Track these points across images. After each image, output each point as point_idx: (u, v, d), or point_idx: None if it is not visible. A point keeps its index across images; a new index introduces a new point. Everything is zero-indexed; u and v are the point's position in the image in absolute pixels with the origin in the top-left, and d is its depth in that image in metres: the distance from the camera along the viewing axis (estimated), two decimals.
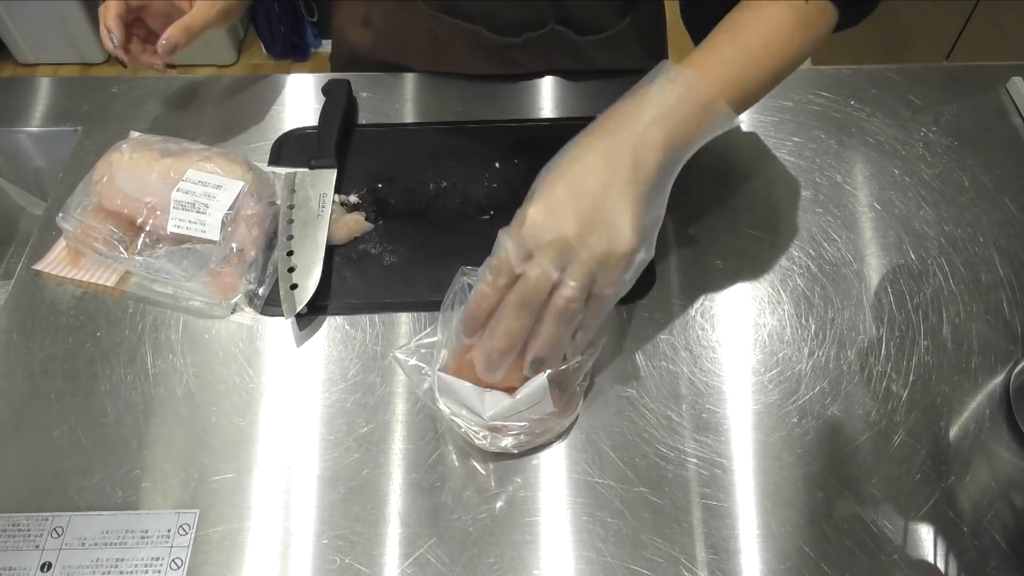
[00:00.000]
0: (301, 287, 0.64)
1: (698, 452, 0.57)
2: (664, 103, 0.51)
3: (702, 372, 0.61)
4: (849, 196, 0.73)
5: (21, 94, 0.82)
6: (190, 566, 0.52)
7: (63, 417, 0.59)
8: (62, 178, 0.74)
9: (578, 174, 0.49)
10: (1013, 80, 0.81)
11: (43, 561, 0.52)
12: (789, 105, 0.80)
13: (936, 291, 0.66)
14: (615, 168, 0.49)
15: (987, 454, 0.57)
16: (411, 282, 0.66)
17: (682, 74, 0.52)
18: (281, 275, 0.65)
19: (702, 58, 0.54)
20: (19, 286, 0.66)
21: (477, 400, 0.53)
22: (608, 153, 0.50)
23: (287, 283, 0.64)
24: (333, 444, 0.57)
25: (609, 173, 0.49)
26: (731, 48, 0.55)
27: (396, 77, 0.83)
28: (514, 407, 0.52)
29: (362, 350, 0.62)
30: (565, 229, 0.47)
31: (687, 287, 0.66)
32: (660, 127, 0.50)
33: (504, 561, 0.52)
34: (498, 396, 0.53)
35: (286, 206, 0.69)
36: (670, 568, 0.52)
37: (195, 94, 0.82)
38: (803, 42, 0.57)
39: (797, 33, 0.56)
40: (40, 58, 2.22)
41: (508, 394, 0.53)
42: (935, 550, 0.53)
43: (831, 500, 0.55)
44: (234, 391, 0.60)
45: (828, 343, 0.63)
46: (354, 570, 0.52)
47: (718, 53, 0.55)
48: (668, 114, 0.51)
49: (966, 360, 0.62)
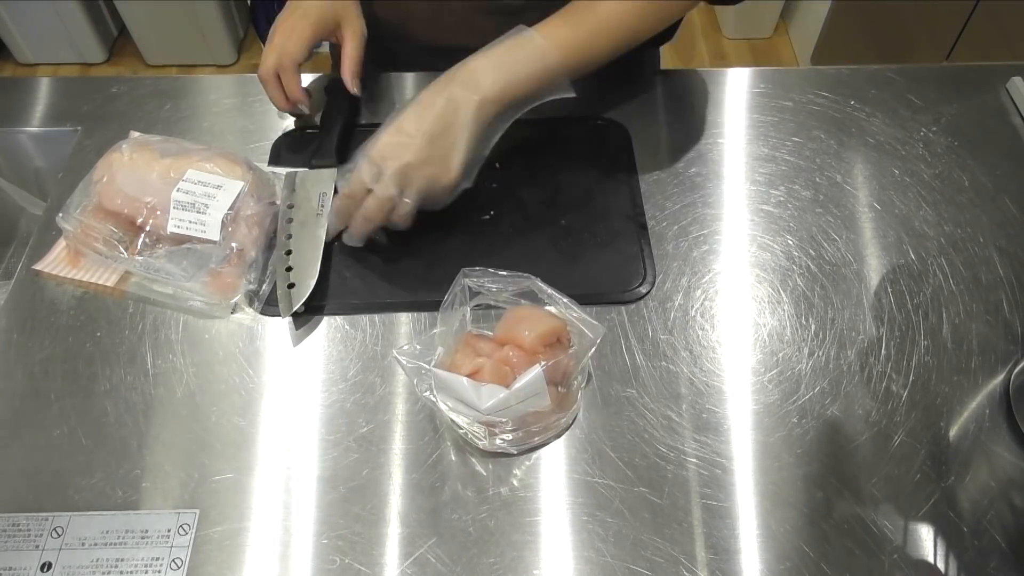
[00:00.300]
0: (298, 287, 0.64)
1: (698, 452, 0.57)
2: (508, 62, 0.62)
3: (702, 372, 0.61)
4: (849, 196, 0.73)
5: (21, 94, 0.82)
6: (190, 566, 0.52)
7: (63, 417, 0.59)
8: (62, 178, 0.74)
9: (424, 115, 0.61)
10: (1013, 80, 0.81)
11: (43, 561, 0.52)
12: (789, 105, 0.80)
13: (936, 291, 0.66)
14: (454, 114, 0.61)
15: (987, 454, 0.57)
16: (411, 282, 0.66)
17: (532, 38, 0.62)
18: (279, 274, 0.65)
19: (554, 24, 0.64)
20: (19, 286, 0.66)
21: (473, 394, 0.53)
22: (451, 100, 0.61)
23: (284, 282, 0.64)
24: (333, 444, 0.57)
25: (449, 117, 0.61)
26: (582, 15, 0.64)
27: (397, 77, 0.83)
28: (510, 399, 0.53)
29: (362, 350, 0.62)
30: (407, 158, 0.60)
31: (687, 287, 0.66)
32: (500, 84, 0.61)
33: (504, 561, 0.52)
34: (494, 389, 0.53)
35: (286, 205, 0.69)
36: (670, 568, 0.52)
37: (195, 94, 0.82)
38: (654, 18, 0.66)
39: (645, 13, 0.65)
40: (40, 58, 2.22)
41: (504, 387, 0.53)
42: (935, 550, 0.53)
43: (831, 500, 0.55)
44: (234, 391, 0.60)
45: (828, 343, 0.63)
46: (354, 570, 0.52)
47: (569, 19, 0.64)
48: (510, 71, 0.61)
49: (966, 360, 0.62)
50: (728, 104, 0.81)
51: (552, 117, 0.79)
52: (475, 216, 0.71)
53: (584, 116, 0.79)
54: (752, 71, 0.84)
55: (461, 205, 0.71)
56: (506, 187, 0.73)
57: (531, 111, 0.80)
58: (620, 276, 0.67)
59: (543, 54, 0.62)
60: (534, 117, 0.80)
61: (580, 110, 0.80)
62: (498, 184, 0.73)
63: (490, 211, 0.71)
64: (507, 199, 0.72)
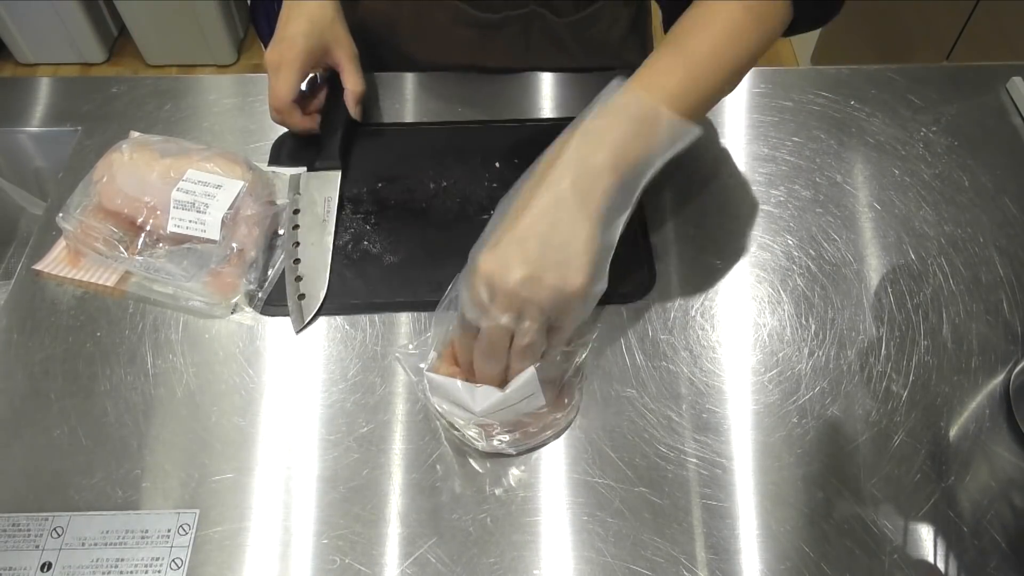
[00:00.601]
0: (309, 297, 0.64)
1: (698, 452, 0.57)
2: (607, 126, 0.50)
3: (702, 372, 0.61)
4: (849, 196, 0.73)
5: (21, 94, 0.82)
6: (190, 566, 0.52)
7: (63, 417, 0.59)
8: (62, 178, 0.74)
9: (524, 216, 0.49)
10: (1013, 80, 0.81)
11: (43, 561, 0.52)
12: (789, 105, 0.80)
13: (936, 291, 0.66)
14: (561, 204, 0.48)
15: (987, 454, 0.57)
16: (411, 282, 0.66)
17: (624, 92, 0.51)
18: (288, 283, 0.65)
19: (646, 72, 0.53)
20: (19, 286, 0.66)
21: (467, 396, 0.53)
22: (553, 190, 0.49)
23: (295, 292, 0.64)
24: (333, 444, 0.57)
25: (556, 211, 0.48)
26: (674, 57, 0.54)
27: (396, 77, 0.83)
28: (504, 401, 0.53)
29: (362, 350, 0.62)
30: (513, 276, 0.48)
31: (687, 287, 0.66)
32: (605, 151, 0.49)
33: (504, 561, 0.52)
34: (488, 391, 0.53)
35: (291, 210, 0.69)
36: (670, 568, 0.52)
37: (195, 94, 0.82)
38: (752, 42, 0.55)
39: (745, 32, 0.55)
40: (40, 58, 2.22)
41: (498, 389, 0.53)
42: (935, 550, 0.53)
43: (831, 500, 0.55)
44: (234, 391, 0.60)
45: (828, 343, 0.63)
46: (354, 570, 0.52)
47: (661, 64, 0.54)
48: (612, 136, 0.50)
49: (966, 360, 0.62)
50: (728, 104, 0.81)
51: (552, 117, 0.80)
52: (475, 216, 0.71)
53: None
54: (752, 71, 0.84)
55: (461, 205, 0.71)
56: (506, 187, 0.72)
57: (531, 111, 0.80)
58: (620, 276, 0.66)
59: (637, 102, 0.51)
60: (534, 117, 0.81)
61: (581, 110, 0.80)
62: (498, 184, 0.73)
63: (490, 211, 0.71)
64: None
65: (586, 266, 0.48)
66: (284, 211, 0.70)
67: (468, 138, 0.77)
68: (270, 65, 0.70)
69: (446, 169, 0.74)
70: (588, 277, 0.49)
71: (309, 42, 0.70)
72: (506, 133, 0.78)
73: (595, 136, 0.50)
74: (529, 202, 0.49)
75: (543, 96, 0.82)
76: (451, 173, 0.74)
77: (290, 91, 0.70)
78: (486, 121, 0.79)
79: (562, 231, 0.48)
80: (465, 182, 0.73)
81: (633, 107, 0.51)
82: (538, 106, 0.81)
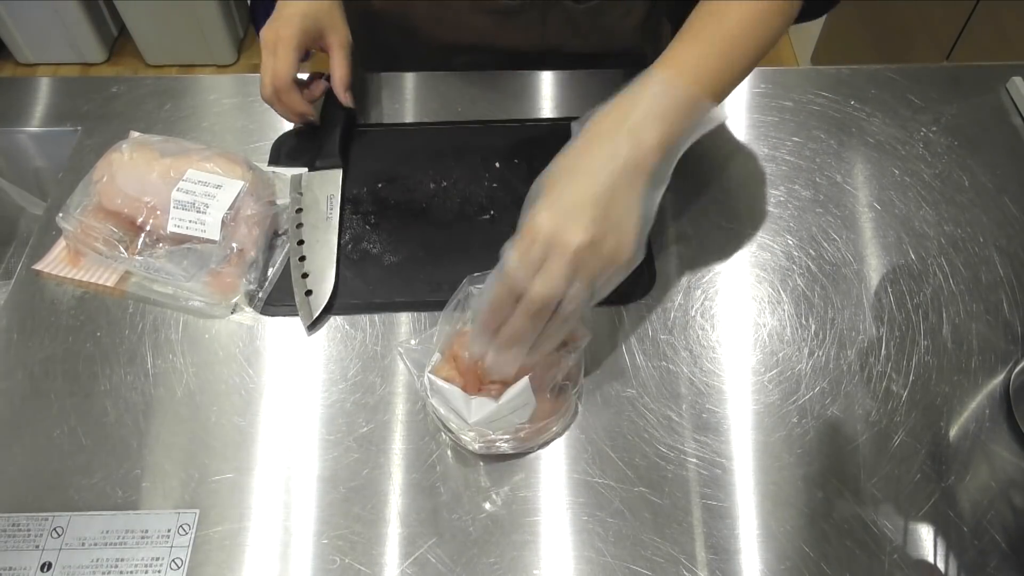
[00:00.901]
0: (316, 294, 0.64)
1: (698, 452, 0.57)
2: (656, 106, 0.51)
3: (702, 372, 0.61)
4: (849, 196, 0.73)
5: (21, 94, 0.82)
6: (190, 566, 0.52)
7: (63, 417, 0.59)
8: (62, 178, 0.74)
9: (583, 183, 0.49)
10: (1013, 80, 0.81)
11: (43, 561, 0.52)
12: (789, 105, 0.80)
13: (936, 291, 0.66)
14: (617, 172, 0.49)
15: (987, 454, 0.57)
16: (411, 282, 0.66)
17: (666, 76, 0.52)
18: (295, 281, 0.65)
19: (681, 56, 0.54)
20: (19, 286, 0.66)
21: (463, 405, 0.53)
22: (608, 157, 0.49)
23: (302, 290, 0.64)
24: (333, 444, 0.57)
25: (614, 183, 0.49)
26: (705, 42, 0.55)
27: (396, 77, 0.83)
28: (498, 412, 0.53)
29: (362, 350, 0.62)
30: (576, 239, 0.47)
31: (687, 287, 0.66)
32: (654, 130, 0.50)
33: (504, 561, 0.52)
34: (484, 402, 0.53)
35: (294, 210, 0.69)
36: (670, 568, 0.52)
37: (195, 94, 0.82)
38: (774, 26, 0.58)
39: (769, 16, 0.57)
40: (40, 58, 2.22)
41: (493, 400, 0.53)
42: (935, 550, 0.53)
43: (831, 500, 0.55)
44: (234, 391, 0.60)
45: (828, 343, 0.63)
46: (354, 570, 0.52)
47: (696, 49, 0.55)
48: (661, 116, 0.51)
49: (966, 360, 0.62)
50: (728, 104, 0.81)
51: (552, 117, 0.80)
52: (475, 216, 0.71)
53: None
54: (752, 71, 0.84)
55: (461, 205, 0.71)
56: (506, 187, 0.73)
57: (531, 111, 0.80)
58: None
59: (679, 86, 0.52)
60: (534, 117, 0.81)
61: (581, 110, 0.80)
62: (498, 184, 0.73)
63: (490, 211, 0.71)
64: (507, 199, 0.72)
65: (637, 238, 0.50)
66: (285, 211, 0.70)
67: (468, 138, 0.77)
68: (266, 43, 0.70)
69: (446, 169, 0.74)
70: (638, 248, 0.50)
71: (306, 22, 0.70)
72: (506, 133, 0.78)
73: (643, 114, 0.51)
74: (585, 167, 0.50)
75: (543, 96, 0.82)
76: (451, 173, 0.74)
77: (290, 69, 0.70)
78: (486, 121, 0.79)
79: (619, 203, 0.49)
80: (465, 182, 0.73)
81: (678, 91, 0.52)
82: (538, 106, 0.81)
